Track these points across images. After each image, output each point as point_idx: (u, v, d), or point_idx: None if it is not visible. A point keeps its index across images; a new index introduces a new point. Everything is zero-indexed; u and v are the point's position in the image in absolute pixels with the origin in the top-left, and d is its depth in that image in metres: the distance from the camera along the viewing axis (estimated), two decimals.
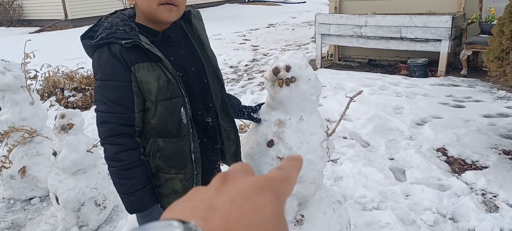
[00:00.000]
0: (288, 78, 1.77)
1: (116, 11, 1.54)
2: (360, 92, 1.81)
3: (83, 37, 1.46)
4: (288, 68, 1.77)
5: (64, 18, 13.80)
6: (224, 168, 1.88)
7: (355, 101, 1.83)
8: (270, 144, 1.83)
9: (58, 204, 2.74)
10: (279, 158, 1.82)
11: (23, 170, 3.12)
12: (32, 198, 3.27)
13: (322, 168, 1.93)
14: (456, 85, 5.49)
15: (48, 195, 3.15)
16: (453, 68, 6.34)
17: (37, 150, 3.18)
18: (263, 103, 1.86)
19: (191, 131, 1.50)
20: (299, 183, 1.87)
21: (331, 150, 1.95)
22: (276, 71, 1.80)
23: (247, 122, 4.52)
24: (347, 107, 1.86)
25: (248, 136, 1.97)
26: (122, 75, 1.38)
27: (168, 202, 1.54)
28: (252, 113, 1.81)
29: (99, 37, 1.40)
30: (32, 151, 3.17)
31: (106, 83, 1.39)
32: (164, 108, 1.43)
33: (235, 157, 1.80)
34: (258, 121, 1.80)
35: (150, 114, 1.44)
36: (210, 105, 1.61)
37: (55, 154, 2.69)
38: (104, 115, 1.41)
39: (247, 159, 1.89)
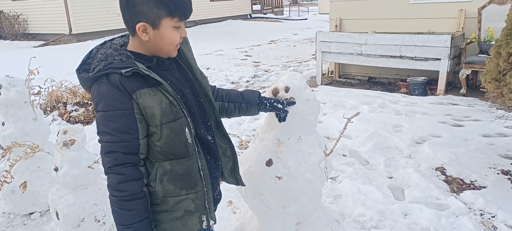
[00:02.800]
0: (286, 99, 1.81)
1: (105, 42, 1.57)
2: (357, 114, 1.84)
3: (79, 71, 1.48)
4: (287, 89, 1.82)
5: (69, 33, 13.94)
6: (223, 185, 1.91)
7: (352, 122, 1.86)
8: (269, 163, 1.87)
9: (58, 219, 2.75)
10: (277, 177, 1.85)
11: (24, 185, 3.14)
12: (32, 213, 3.28)
13: (320, 187, 1.95)
14: (455, 104, 5.53)
15: (49, 210, 3.17)
16: (452, 87, 6.39)
17: (39, 165, 3.21)
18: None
19: (197, 149, 1.54)
20: (297, 202, 1.89)
21: (329, 170, 1.98)
22: (275, 91, 1.84)
23: (246, 138, 4.56)
24: (344, 128, 1.90)
25: (247, 155, 2.01)
26: (124, 104, 1.40)
27: (182, 224, 1.57)
28: (275, 104, 1.77)
29: (96, 69, 1.43)
30: (34, 166, 3.20)
31: (109, 114, 1.41)
32: (169, 131, 1.46)
33: (233, 172, 1.81)
34: (283, 111, 1.77)
35: (155, 138, 1.47)
36: (209, 123, 1.65)
37: (56, 169, 2.71)
38: (108, 145, 1.42)
39: (246, 177, 1.92)
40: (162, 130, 1.45)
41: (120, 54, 1.46)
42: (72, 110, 5.42)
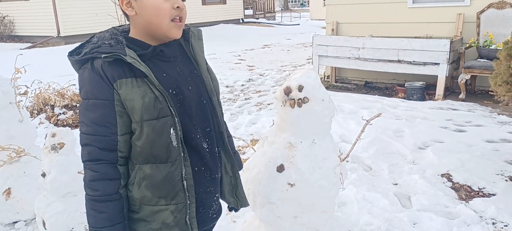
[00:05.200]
0: (300, 98, 1.65)
1: (112, 28, 1.41)
2: (378, 115, 1.69)
3: (71, 54, 1.34)
4: (300, 88, 1.65)
5: (57, 35, 13.65)
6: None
7: (371, 124, 1.71)
8: (280, 168, 1.70)
9: (45, 228, 2.55)
10: (289, 184, 1.69)
11: (8, 192, 2.93)
12: (16, 222, 3.07)
13: (334, 196, 1.80)
14: (455, 109, 5.43)
15: (34, 218, 2.96)
16: (450, 92, 6.30)
17: (24, 170, 3.00)
18: None
19: (182, 155, 1.33)
20: (310, 212, 1.73)
21: (344, 176, 1.82)
22: (287, 91, 1.68)
23: (243, 143, 4.39)
24: (362, 131, 1.75)
25: (256, 160, 1.84)
26: (103, 93, 1.24)
27: None
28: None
29: (84, 52, 1.29)
30: (19, 171, 2.99)
31: (88, 102, 1.26)
32: (150, 129, 1.28)
33: (235, 194, 1.58)
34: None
35: (136, 137, 1.30)
36: (208, 130, 1.44)
37: (44, 175, 2.52)
38: (84, 137, 1.28)
39: (255, 184, 1.75)
40: (142, 128, 1.28)
41: (111, 39, 1.30)
42: (60, 113, 5.20)
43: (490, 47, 5.64)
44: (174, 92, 1.32)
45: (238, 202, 1.58)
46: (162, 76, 1.31)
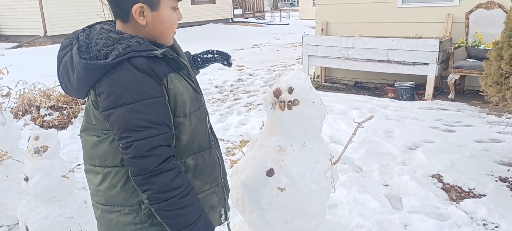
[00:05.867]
0: (290, 101, 1.60)
1: (90, 26, 1.35)
2: (370, 118, 1.65)
3: (85, 59, 1.22)
4: (290, 90, 1.60)
5: (43, 34, 13.45)
6: None
7: (363, 126, 1.67)
8: (270, 173, 1.65)
9: None
10: (279, 188, 1.64)
11: None
12: None
13: (325, 200, 1.75)
14: (444, 109, 5.44)
15: (17, 223, 2.87)
16: (440, 92, 6.32)
17: (7, 173, 2.92)
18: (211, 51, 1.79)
19: (212, 139, 1.46)
20: (301, 217, 1.68)
21: (335, 180, 1.78)
22: (277, 92, 1.63)
23: (237, 143, 4.34)
24: (354, 134, 1.70)
25: (244, 163, 1.79)
26: (157, 90, 1.21)
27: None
28: (206, 55, 1.77)
29: (113, 53, 1.19)
30: (2, 175, 2.90)
31: (142, 104, 1.18)
32: (197, 120, 1.34)
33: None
34: (215, 60, 1.77)
35: (182, 131, 1.30)
36: (207, 119, 1.51)
37: (26, 179, 2.44)
38: (148, 141, 1.18)
39: (244, 189, 1.70)
40: (190, 119, 1.31)
41: (131, 37, 1.24)
42: (46, 115, 5.10)
43: (479, 47, 5.66)
44: None
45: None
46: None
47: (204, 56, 1.71)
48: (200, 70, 1.78)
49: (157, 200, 1.23)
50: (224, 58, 1.75)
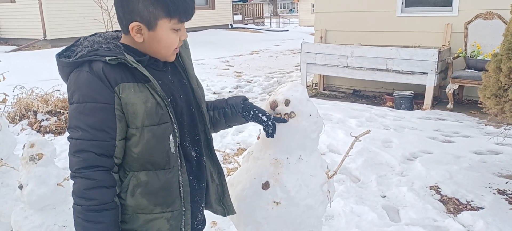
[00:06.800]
0: (287, 113, 1.59)
1: (96, 33, 1.39)
2: (367, 132, 1.64)
3: (59, 55, 1.30)
4: (287, 102, 1.60)
5: (43, 38, 13.44)
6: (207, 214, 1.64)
7: (360, 140, 1.66)
8: (266, 186, 1.64)
9: None
10: (275, 202, 1.63)
11: None
12: None
13: (322, 214, 1.74)
14: (443, 119, 5.43)
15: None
16: (438, 101, 6.31)
17: (2, 180, 2.88)
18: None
19: (179, 161, 1.34)
20: None
21: (332, 193, 1.76)
22: (273, 105, 1.62)
23: (230, 152, 4.32)
24: (351, 148, 1.69)
25: (240, 176, 1.77)
26: (104, 97, 1.21)
27: None
28: (260, 115, 1.52)
29: (79, 54, 1.25)
30: None
31: (84, 106, 1.21)
32: (151, 135, 1.27)
33: (222, 202, 1.58)
34: (267, 125, 1.54)
35: (133, 143, 1.27)
36: (197, 138, 1.46)
37: (21, 187, 2.42)
38: (79, 143, 1.22)
39: (239, 202, 1.69)
40: (142, 133, 1.25)
41: (108, 43, 1.28)
42: (43, 120, 5.07)
43: (478, 58, 5.67)
44: (169, 99, 1.32)
45: (225, 210, 1.60)
46: (158, 84, 1.30)
47: (259, 114, 1.52)
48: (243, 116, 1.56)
49: (73, 200, 1.27)
50: (270, 129, 1.55)
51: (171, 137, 1.31)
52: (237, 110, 1.54)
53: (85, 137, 1.21)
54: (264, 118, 1.52)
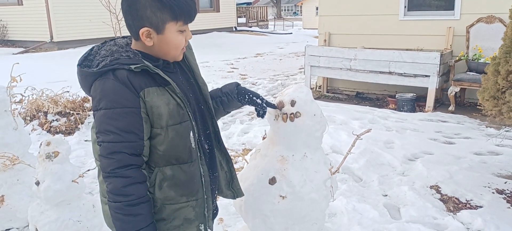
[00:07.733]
0: (292, 113, 1.71)
1: (106, 41, 1.50)
2: (368, 131, 1.75)
3: (81, 66, 1.40)
4: (293, 103, 1.71)
5: (50, 40, 13.60)
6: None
7: (361, 139, 1.77)
8: (272, 181, 1.75)
9: None
10: (281, 196, 1.73)
11: (1, 199, 2.93)
12: (9, 229, 3.07)
13: (325, 208, 1.85)
14: (444, 121, 5.52)
15: (27, 226, 2.96)
16: (440, 104, 6.40)
17: (18, 177, 3.01)
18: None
19: (198, 154, 1.49)
20: (301, 223, 1.77)
21: (335, 189, 1.87)
22: (280, 105, 1.73)
23: (239, 151, 4.43)
24: (353, 146, 1.80)
25: (248, 171, 1.89)
26: (130, 101, 1.33)
27: None
28: (254, 98, 1.67)
29: (102, 64, 1.36)
30: (13, 179, 2.99)
31: (113, 111, 1.32)
32: (175, 133, 1.40)
33: (231, 185, 1.72)
34: (261, 106, 1.67)
35: (158, 141, 1.40)
36: (208, 132, 1.60)
37: (37, 183, 2.54)
38: (111, 145, 1.33)
39: (247, 195, 1.80)
40: (167, 132, 1.39)
41: (126, 51, 1.40)
42: (53, 120, 5.20)
43: (479, 61, 5.75)
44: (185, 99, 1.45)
45: (234, 193, 1.73)
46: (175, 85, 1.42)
47: (253, 97, 1.66)
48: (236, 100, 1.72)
49: (109, 199, 1.37)
50: (263, 110, 1.67)
51: (191, 134, 1.44)
52: (232, 96, 1.70)
53: (116, 139, 1.32)
54: (258, 100, 1.67)
